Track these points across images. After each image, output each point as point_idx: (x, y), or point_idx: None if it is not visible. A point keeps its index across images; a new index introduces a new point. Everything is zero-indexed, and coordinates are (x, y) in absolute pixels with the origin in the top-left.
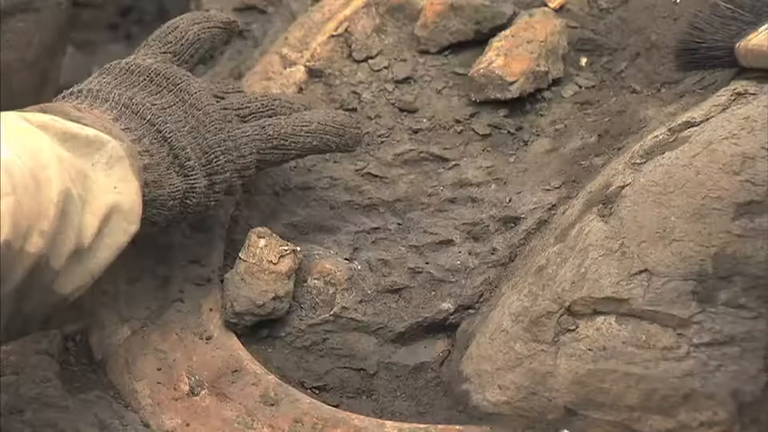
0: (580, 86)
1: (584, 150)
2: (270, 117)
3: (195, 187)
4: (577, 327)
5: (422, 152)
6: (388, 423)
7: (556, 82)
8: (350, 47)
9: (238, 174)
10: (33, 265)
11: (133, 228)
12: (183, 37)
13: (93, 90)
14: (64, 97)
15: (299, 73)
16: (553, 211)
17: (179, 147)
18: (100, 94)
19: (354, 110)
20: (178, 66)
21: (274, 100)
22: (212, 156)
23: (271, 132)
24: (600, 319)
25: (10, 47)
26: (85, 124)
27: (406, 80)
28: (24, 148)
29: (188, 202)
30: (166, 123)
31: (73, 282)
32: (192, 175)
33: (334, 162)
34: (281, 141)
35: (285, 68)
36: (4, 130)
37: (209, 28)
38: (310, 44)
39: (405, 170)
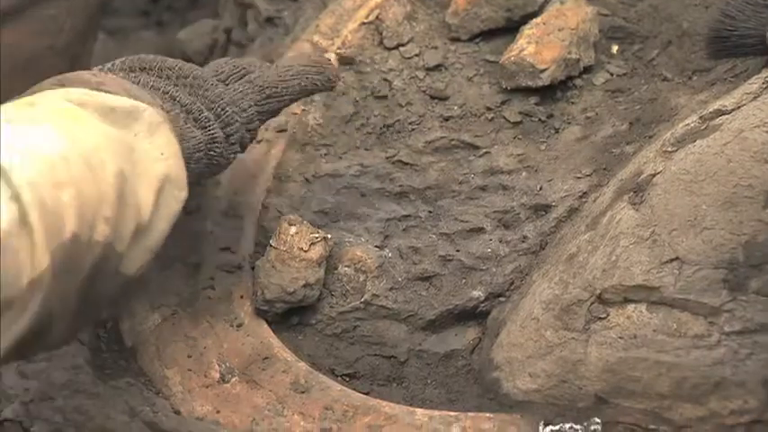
0: (611, 74)
1: (615, 138)
2: (245, 71)
3: (215, 137)
4: (608, 315)
5: (453, 140)
6: (419, 410)
7: (587, 69)
8: (381, 34)
9: (245, 127)
10: (101, 253)
11: (183, 194)
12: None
13: (105, 70)
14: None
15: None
16: (584, 199)
17: (189, 103)
18: (98, 73)
19: (385, 97)
20: None
21: (239, 61)
22: (219, 109)
23: (260, 83)
24: (631, 307)
25: (41, 33)
26: (107, 91)
27: (437, 67)
28: (73, 133)
29: (211, 153)
30: (168, 86)
31: (136, 261)
32: (209, 126)
33: (365, 149)
34: (273, 90)
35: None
36: (52, 114)
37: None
38: (341, 31)
39: (435, 158)
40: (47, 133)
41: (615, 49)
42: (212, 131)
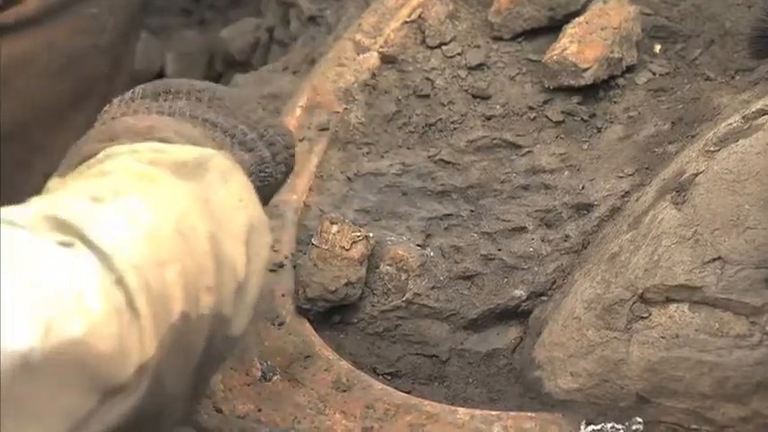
0: (654, 73)
1: (657, 137)
2: None
3: (264, 158)
4: (650, 314)
5: (495, 139)
6: (461, 409)
7: (629, 69)
8: (423, 33)
9: (287, 150)
10: (210, 324)
11: (270, 238)
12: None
13: (122, 109)
14: (112, 118)
15: (372, 59)
16: (626, 199)
17: (231, 126)
18: (125, 108)
19: (427, 96)
20: None
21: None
22: (262, 129)
23: None
24: (673, 306)
25: (84, 32)
26: (162, 138)
27: (480, 66)
28: (159, 199)
29: (262, 174)
30: (205, 113)
31: (241, 321)
32: (255, 147)
33: (407, 148)
34: None
35: (358, 54)
36: (132, 182)
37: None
38: (384, 30)
39: (477, 157)
40: (137, 206)
41: (658, 48)
42: (260, 152)
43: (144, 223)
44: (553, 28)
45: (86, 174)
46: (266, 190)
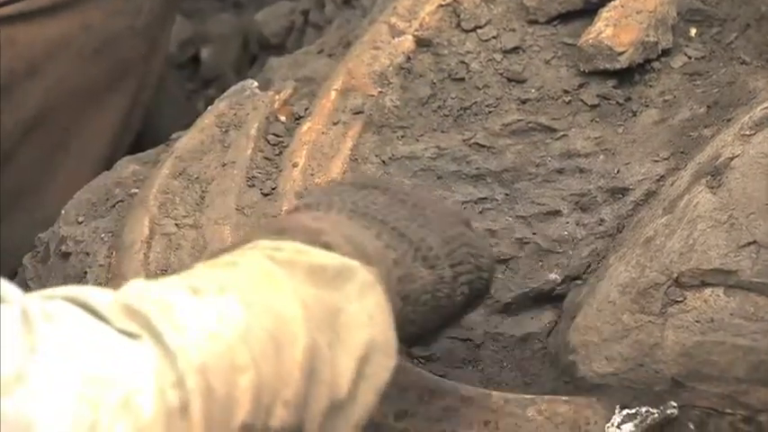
0: (689, 57)
1: (693, 121)
2: None
3: (444, 277)
4: (685, 298)
5: (530, 122)
6: (495, 393)
7: (665, 52)
8: (458, 16)
9: (478, 271)
10: None
11: (392, 362)
12: None
13: (313, 203)
14: (297, 208)
15: (407, 42)
16: (661, 183)
17: (418, 239)
18: (321, 205)
19: (462, 79)
20: None
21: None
22: (454, 245)
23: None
24: (708, 290)
25: (120, 14)
26: (326, 242)
27: (515, 50)
28: (265, 302)
29: (438, 294)
30: (398, 220)
31: None
32: (437, 264)
33: (442, 132)
34: None
35: (393, 38)
36: (247, 280)
37: None
38: (419, 13)
39: (512, 140)
40: (231, 306)
41: (693, 32)
42: (440, 270)
43: (233, 323)
44: (588, 11)
45: (218, 262)
46: (441, 311)
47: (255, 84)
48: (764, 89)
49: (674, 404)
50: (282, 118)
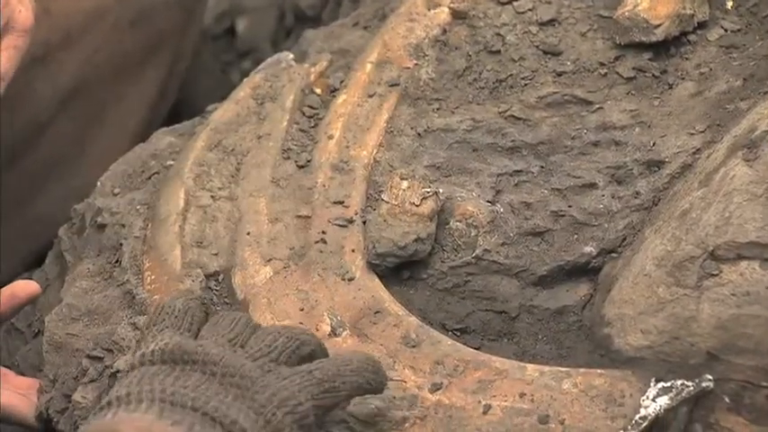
0: (726, 30)
1: (729, 94)
2: (300, 348)
3: None
4: (721, 271)
5: (565, 95)
6: (530, 366)
7: (701, 25)
8: None
9: (298, 425)
10: None
11: None
12: (173, 310)
13: (124, 396)
14: (102, 408)
15: (443, 14)
16: (697, 156)
17: (230, 422)
18: (132, 397)
19: (498, 52)
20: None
21: (293, 329)
22: (269, 414)
23: (319, 376)
24: (744, 263)
25: None
26: None
27: (551, 22)
28: None
29: None
30: (209, 403)
31: None
32: None
33: (478, 104)
34: (332, 383)
35: (429, 10)
36: None
37: (191, 299)
38: None
39: (548, 113)
40: None
41: (730, 4)
42: None
43: None
44: None
45: None
46: None
47: (291, 56)
48: None
49: (710, 377)
50: (318, 90)
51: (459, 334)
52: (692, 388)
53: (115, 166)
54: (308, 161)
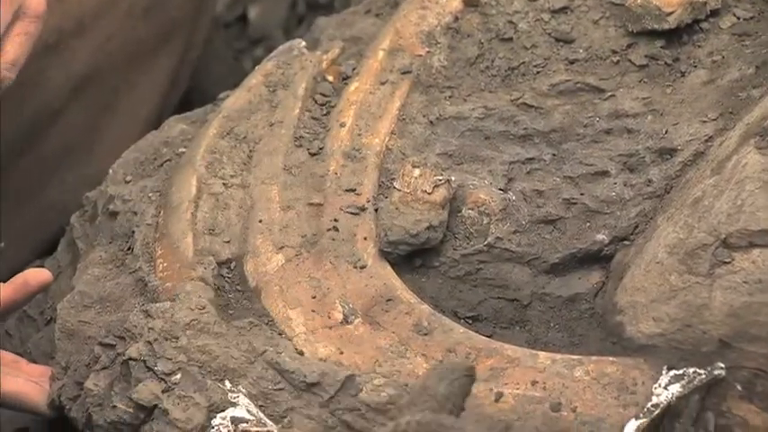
0: (738, 18)
1: (741, 82)
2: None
3: None
4: (733, 259)
5: (578, 83)
6: (542, 353)
7: (714, 13)
8: None
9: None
10: None
11: None
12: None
13: None
14: None
15: (455, 2)
16: (710, 143)
17: None
18: None
19: (510, 39)
20: None
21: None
22: None
23: None
24: (756, 251)
25: None
26: None
27: (563, 10)
28: None
29: None
30: None
31: None
32: None
33: (490, 92)
34: None
35: None
36: None
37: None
38: None
39: (560, 101)
40: None
41: None
42: None
43: None
44: None
45: None
46: None
47: (303, 43)
48: None
49: (722, 365)
50: (330, 78)
51: (471, 322)
52: (704, 376)
53: (127, 154)
54: (321, 149)
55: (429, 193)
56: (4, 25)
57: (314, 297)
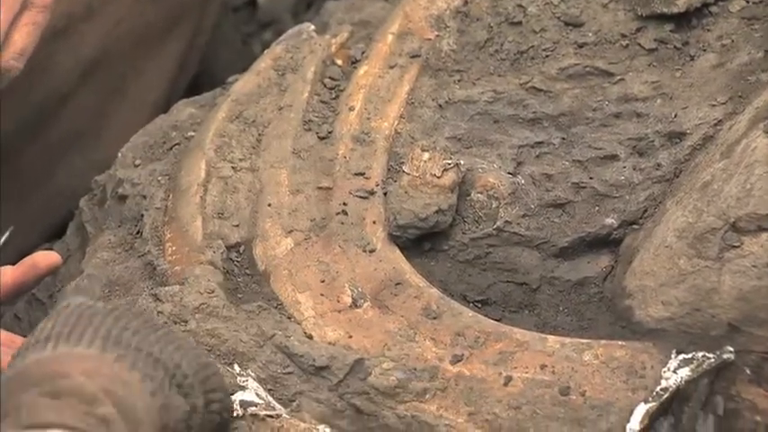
0: (747, 1)
1: (750, 66)
2: None
3: (196, 407)
4: (742, 243)
5: (587, 66)
6: (551, 337)
7: None
8: None
9: (227, 400)
10: None
11: None
12: None
13: (65, 332)
14: (38, 342)
15: None
16: (719, 127)
17: (174, 365)
18: (73, 332)
19: (519, 23)
20: None
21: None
22: (209, 372)
23: None
24: (765, 235)
25: None
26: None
27: None
28: None
29: (191, 423)
30: (153, 345)
31: None
32: (191, 393)
33: (499, 76)
34: None
35: None
36: None
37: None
38: None
39: (569, 84)
40: None
41: None
42: (193, 399)
43: None
44: None
45: None
46: None
47: (312, 27)
48: None
49: (731, 349)
50: (339, 61)
51: (480, 305)
52: (713, 360)
53: (136, 138)
54: (329, 132)
55: (438, 177)
56: (11, 15)
57: (323, 281)
